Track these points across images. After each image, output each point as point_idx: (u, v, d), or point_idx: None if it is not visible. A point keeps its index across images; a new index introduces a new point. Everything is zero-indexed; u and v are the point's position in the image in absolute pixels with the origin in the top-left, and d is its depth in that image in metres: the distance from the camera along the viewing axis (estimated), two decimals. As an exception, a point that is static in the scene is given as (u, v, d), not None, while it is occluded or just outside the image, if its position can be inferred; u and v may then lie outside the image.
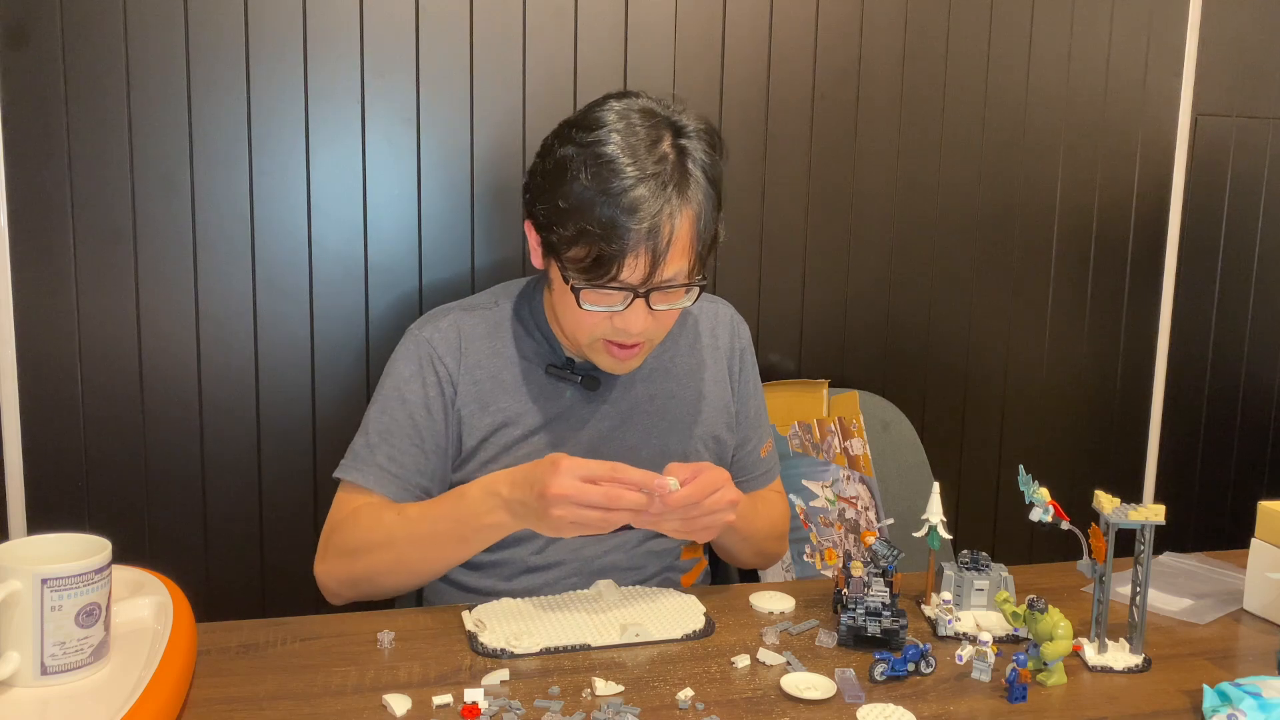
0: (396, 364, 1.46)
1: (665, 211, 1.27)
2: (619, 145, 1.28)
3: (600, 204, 1.26)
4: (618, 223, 1.26)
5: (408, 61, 1.85)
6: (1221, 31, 2.29)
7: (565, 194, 1.29)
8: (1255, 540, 1.37)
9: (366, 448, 1.42)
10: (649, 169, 1.27)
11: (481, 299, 1.52)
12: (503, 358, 1.45)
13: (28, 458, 1.78)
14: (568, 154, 1.30)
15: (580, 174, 1.28)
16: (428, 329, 1.46)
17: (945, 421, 2.26)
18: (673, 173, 1.29)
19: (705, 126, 1.35)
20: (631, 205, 1.25)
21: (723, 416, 1.54)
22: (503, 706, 1.06)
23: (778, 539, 1.62)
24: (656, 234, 1.27)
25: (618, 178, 1.26)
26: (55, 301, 1.76)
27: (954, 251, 2.20)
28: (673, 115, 1.33)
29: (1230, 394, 2.46)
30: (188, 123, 1.77)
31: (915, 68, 2.11)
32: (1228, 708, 1.05)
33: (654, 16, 1.95)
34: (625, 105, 1.33)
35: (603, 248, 1.27)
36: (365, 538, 1.36)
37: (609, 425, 1.47)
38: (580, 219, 1.27)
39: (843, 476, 2.02)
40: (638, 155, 1.28)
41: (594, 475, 1.20)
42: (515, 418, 1.44)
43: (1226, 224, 2.39)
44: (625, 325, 1.33)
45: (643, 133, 1.29)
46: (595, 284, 1.29)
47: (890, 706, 1.08)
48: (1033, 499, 1.22)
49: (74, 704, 0.99)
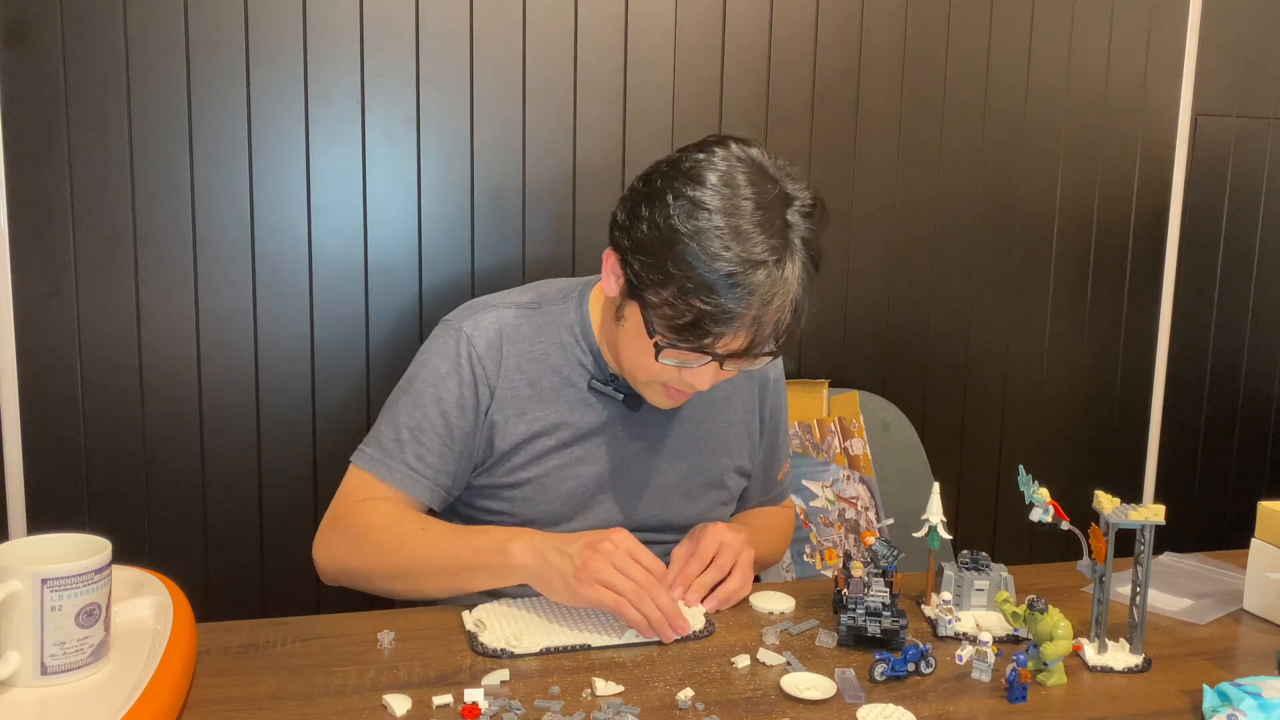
0: (433, 357, 1.41)
1: (775, 297, 1.22)
2: (733, 217, 1.22)
3: (713, 281, 1.21)
4: (727, 305, 1.21)
5: (408, 61, 1.85)
6: (1221, 31, 2.29)
7: (675, 259, 1.22)
8: (1255, 540, 1.37)
9: (396, 443, 1.38)
10: (762, 251, 1.21)
11: (526, 296, 1.47)
12: (544, 364, 1.41)
13: (28, 458, 1.78)
14: (677, 217, 1.23)
15: (692, 243, 1.22)
16: (468, 324, 1.41)
17: (945, 421, 2.26)
18: (785, 254, 1.23)
19: (814, 200, 1.29)
20: (748, 289, 1.20)
21: (746, 446, 1.54)
22: (503, 706, 1.06)
23: (778, 552, 1.64)
24: (761, 321, 1.23)
25: (733, 257, 1.21)
26: (55, 301, 1.76)
27: (954, 251, 2.20)
28: (784, 182, 1.27)
29: (1230, 394, 2.46)
30: (188, 123, 1.77)
31: (915, 68, 2.11)
32: (1228, 708, 1.05)
33: (654, 16, 1.95)
34: (735, 166, 1.26)
35: (705, 323, 1.22)
36: (378, 538, 1.34)
37: (641, 446, 1.44)
38: (687, 290, 1.22)
39: (843, 476, 2.02)
40: (753, 233, 1.22)
41: (644, 559, 1.24)
42: (550, 428, 1.40)
43: (1226, 224, 2.39)
44: (694, 381, 1.30)
45: (756, 204, 1.23)
46: (683, 347, 1.26)
47: (890, 707, 1.08)
48: (1033, 499, 1.22)
49: (74, 704, 0.99)
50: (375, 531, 1.35)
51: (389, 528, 1.34)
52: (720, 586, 1.31)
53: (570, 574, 1.22)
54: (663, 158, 1.32)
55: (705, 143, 1.29)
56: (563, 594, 1.24)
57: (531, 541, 1.27)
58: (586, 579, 1.21)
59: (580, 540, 1.25)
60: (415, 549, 1.32)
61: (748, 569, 1.34)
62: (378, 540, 1.34)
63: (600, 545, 1.22)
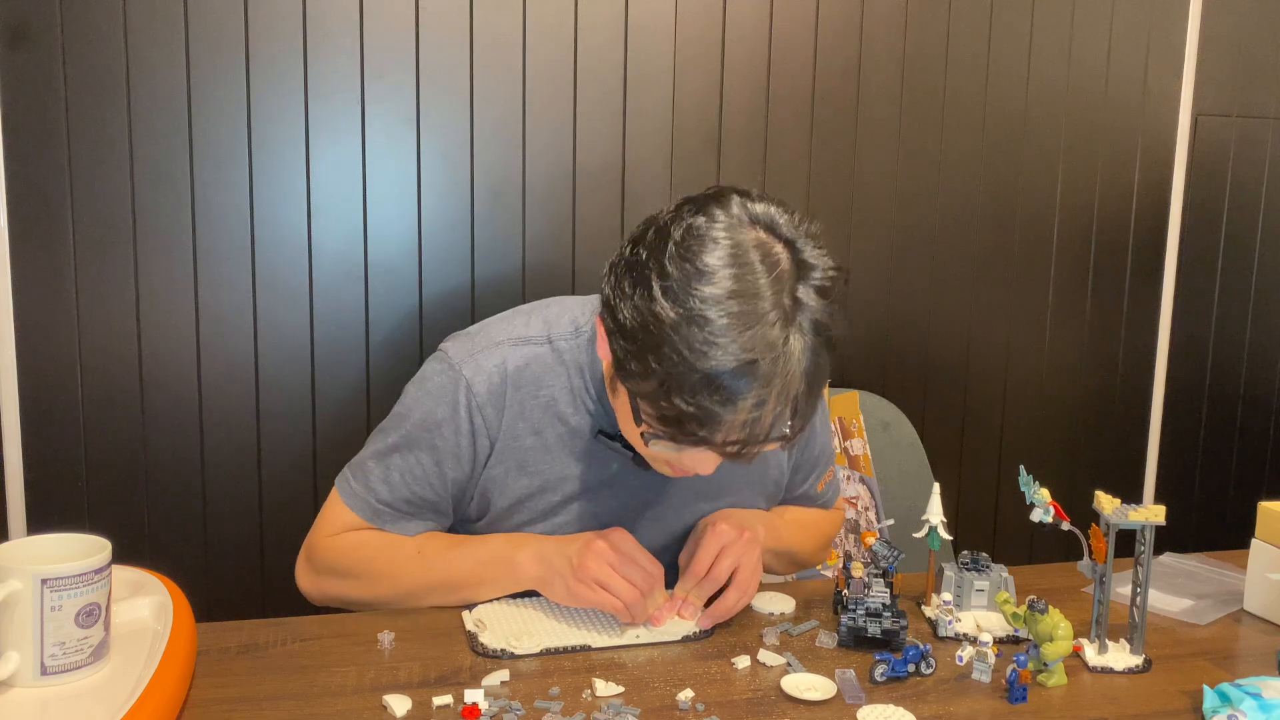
0: (428, 400, 1.30)
1: (770, 396, 1.05)
2: (729, 310, 1.03)
3: (697, 384, 1.04)
4: (712, 409, 1.04)
5: (408, 61, 1.85)
6: (1221, 31, 2.29)
7: (655, 352, 1.05)
8: (1255, 540, 1.37)
9: (385, 485, 1.31)
10: (755, 346, 1.03)
11: (533, 330, 1.32)
12: (551, 411, 1.30)
13: (28, 458, 1.78)
14: (660, 302, 1.05)
15: (674, 336, 1.04)
16: (469, 366, 1.29)
17: (945, 421, 2.25)
18: (784, 345, 1.05)
19: (832, 270, 1.11)
20: (733, 391, 1.03)
21: (775, 474, 1.44)
22: (503, 707, 1.06)
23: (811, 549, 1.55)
24: (756, 421, 1.06)
25: (722, 355, 1.03)
26: (55, 301, 1.76)
27: (954, 251, 2.20)
28: (800, 249, 1.09)
29: (1230, 394, 2.46)
30: (188, 123, 1.77)
31: (915, 68, 2.11)
32: (1228, 708, 1.05)
33: (654, 17, 1.95)
34: (741, 236, 1.07)
35: (689, 425, 1.07)
36: (372, 570, 1.31)
37: (656, 496, 1.35)
38: (670, 388, 1.05)
39: (843, 477, 2.02)
40: (745, 324, 1.03)
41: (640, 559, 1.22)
42: (554, 483, 1.32)
43: (1226, 224, 2.39)
44: (694, 466, 1.17)
45: (747, 290, 1.04)
46: (673, 440, 1.11)
47: (890, 707, 1.08)
48: (1033, 499, 1.22)
49: (74, 704, 0.99)
50: (368, 563, 1.31)
51: (382, 556, 1.31)
52: (716, 602, 1.25)
53: (568, 574, 1.22)
54: (658, 213, 1.14)
55: (704, 201, 1.11)
56: (563, 595, 1.24)
57: (536, 549, 1.26)
58: (584, 579, 1.21)
59: (579, 541, 1.24)
60: (415, 572, 1.30)
61: (749, 574, 1.27)
62: (373, 571, 1.31)
63: (595, 545, 1.22)
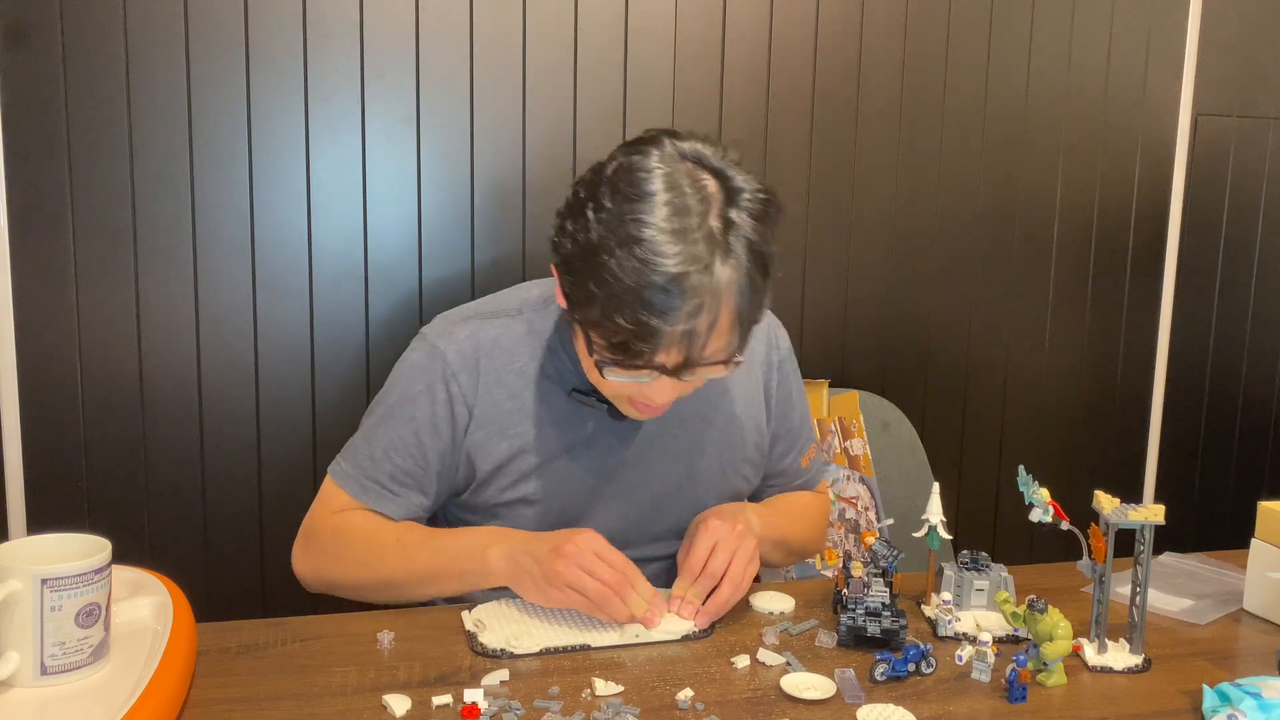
0: (406, 375, 1.37)
1: (704, 309, 1.13)
2: (659, 226, 1.12)
3: (632, 301, 1.12)
4: (649, 321, 1.12)
5: (408, 62, 1.85)
6: (1221, 31, 2.29)
7: (594, 276, 1.14)
8: (1255, 540, 1.37)
9: (370, 460, 1.36)
10: (682, 260, 1.12)
11: (505, 303, 1.41)
12: (524, 376, 1.36)
13: (28, 458, 1.78)
14: (595, 230, 1.15)
15: (608, 259, 1.13)
16: (443, 340, 1.36)
17: (945, 421, 2.26)
18: (717, 256, 1.14)
19: (761, 192, 1.18)
20: (664, 307, 1.12)
21: (754, 437, 1.47)
22: (502, 707, 1.06)
23: (808, 538, 1.57)
24: (693, 334, 1.14)
25: (653, 270, 1.11)
26: (55, 301, 1.76)
27: (954, 251, 2.20)
28: (727, 173, 1.17)
29: (1230, 394, 2.46)
30: (188, 123, 1.77)
31: (915, 68, 2.11)
32: (1228, 708, 1.05)
33: (654, 17, 1.95)
34: (672, 166, 1.16)
35: (631, 343, 1.15)
36: (356, 553, 1.34)
37: (634, 453, 1.39)
38: (609, 309, 1.14)
39: (843, 476, 2.02)
40: (672, 240, 1.12)
41: (610, 558, 1.22)
42: (533, 444, 1.35)
43: (1226, 224, 2.39)
44: (651, 396, 1.24)
45: (678, 207, 1.13)
46: (622, 366, 1.19)
47: (890, 707, 1.08)
48: (1033, 499, 1.22)
49: (74, 704, 0.99)
50: (352, 546, 1.34)
51: (364, 540, 1.33)
52: (710, 599, 1.26)
53: (537, 575, 1.22)
54: (600, 160, 1.23)
55: (637, 142, 1.20)
56: (536, 597, 1.24)
57: (506, 547, 1.27)
58: (555, 583, 1.21)
59: (548, 543, 1.24)
60: (393, 560, 1.32)
61: (741, 567, 1.27)
62: (355, 555, 1.34)
63: (563, 548, 1.21)
